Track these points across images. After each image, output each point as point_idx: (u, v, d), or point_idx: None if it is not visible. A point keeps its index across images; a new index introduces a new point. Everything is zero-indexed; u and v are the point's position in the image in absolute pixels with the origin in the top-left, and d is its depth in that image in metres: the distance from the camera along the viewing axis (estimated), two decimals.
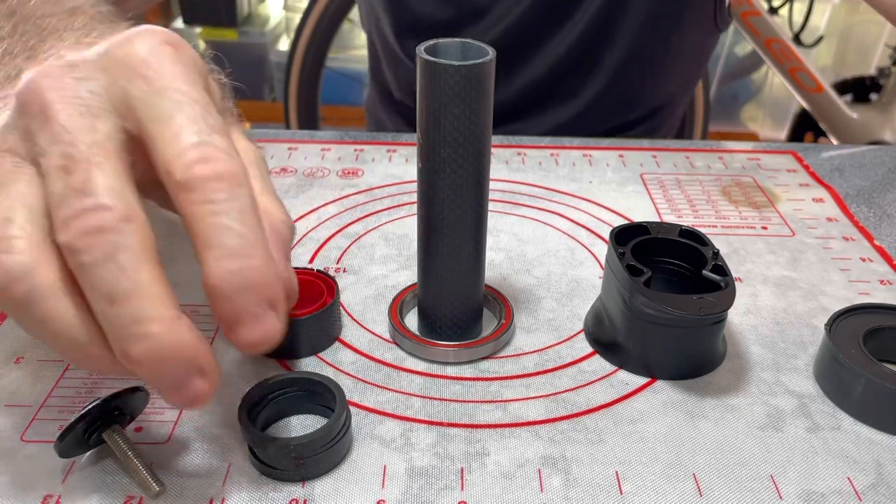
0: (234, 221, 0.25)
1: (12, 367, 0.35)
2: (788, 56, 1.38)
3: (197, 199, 0.25)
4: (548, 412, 0.33)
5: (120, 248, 0.24)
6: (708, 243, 0.37)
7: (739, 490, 0.29)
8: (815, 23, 1.84)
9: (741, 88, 2.22)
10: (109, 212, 0.24)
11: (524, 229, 0.47)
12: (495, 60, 0.31)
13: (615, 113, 0.72)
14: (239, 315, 0.25)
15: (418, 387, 0.34)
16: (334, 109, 1.97)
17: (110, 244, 0.24)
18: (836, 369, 0.34)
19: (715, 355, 0.36)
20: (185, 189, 0.25)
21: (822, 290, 0.42)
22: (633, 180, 0.53)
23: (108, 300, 0.24)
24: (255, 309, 0.25)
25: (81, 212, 0.24)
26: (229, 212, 0.25)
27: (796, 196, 0.52)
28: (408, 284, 0.41)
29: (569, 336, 0.38)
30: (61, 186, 0.24)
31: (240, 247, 0.25)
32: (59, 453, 0.29)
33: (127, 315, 0.24)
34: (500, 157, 0.56)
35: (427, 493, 0.29)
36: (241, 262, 0.25)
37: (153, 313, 0.24)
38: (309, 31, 1.49)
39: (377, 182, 0.52)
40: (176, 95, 0.26)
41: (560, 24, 0.66)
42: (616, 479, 0.30)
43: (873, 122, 1.48)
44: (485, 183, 0.33)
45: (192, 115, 0.26)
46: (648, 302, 0.33)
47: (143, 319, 0.24)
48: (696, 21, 0.69)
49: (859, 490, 0.30)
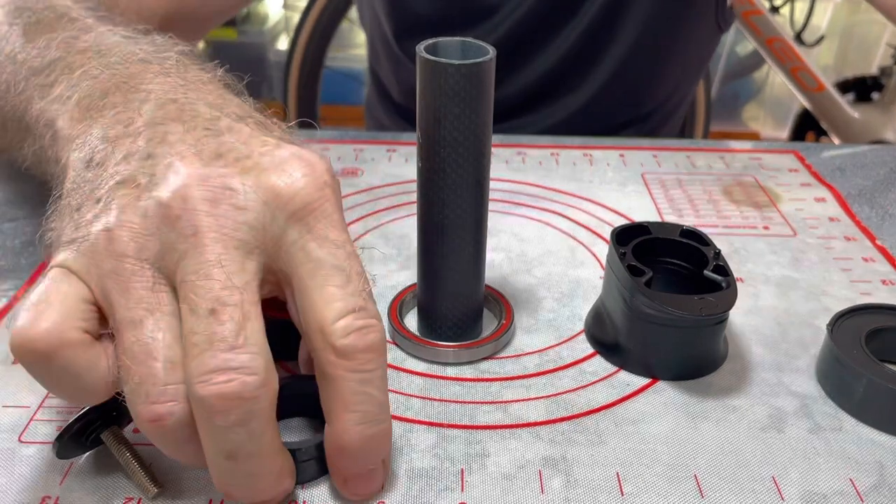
0: (376, 390, 0.26)
1: (10, 368, 0.35)
2: (790, 55, 1.38)
3: (349, 367, 0.25)
4: (548, 413, 0.33)
5: (254, 415, 0.24)
6: (709, 243, 0.36)
7: (741, 491, 0.29)
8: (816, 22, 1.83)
9: (742, 88, 2.22)
10: (253, 377, 0.24)
11: (524, 229, 0.47)
12: (495, 60, 0.31)
13: (616, 111, 0.71)
14: (359, 471, 0.28)
15: (418, 387, 0.34)
16: (334, 109, 1.97)
17: (246, 412, 0.24)
18: (838, 370, 0.33)
19: (716, 356, 0.36)
20: (340, 354, 0.25)
21: (824, 290, 0.41)
22: (633, 180, 0.53)
23: (227, 456, 0.25)
24: (372, 466, 0.28)
25: (225, 369, 0.24)
26: (374, 380, 0.26)
27: (798, 196, 0.52)
28: (408, 284, 0.40)
29: (569, 336, 0.38)
30: (208, 331, 0.24)
31: (377, 413, 0.26)
32: (58, 454, 0.28)
33: (242, 472, 0.25)
34: (501, 156, 0.56)
35: (427, 494, 0.29)
36: (375, 428, 0.26)
37: (266, 470, 0.26)
38: (308, 30, 1.49)
39: (377, 182, 0.52)
40: (336, 251, 0.26)
41: (563, 23, 0.66)
42: (617, 480, 0.30)
43: (875, 122, 1.48)
44: (485, 183, 0.33)
45: (350, 275, 0.26)
46: (649, 302, 0.33)
47: (257, 476, 0.26)
48: (697, 20, 0.69)
49: (861, 491, 0.29)
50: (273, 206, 0.26)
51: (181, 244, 0.25)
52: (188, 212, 0.25)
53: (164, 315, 0.25)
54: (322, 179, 0.27)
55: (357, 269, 0.27)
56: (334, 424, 0.26)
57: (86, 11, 0.41)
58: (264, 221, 0.26)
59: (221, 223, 0.25)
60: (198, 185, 0.26)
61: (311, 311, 0.26)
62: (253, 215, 0.26)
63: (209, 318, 0.24)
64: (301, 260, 0.26)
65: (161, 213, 0.25)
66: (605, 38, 0.66)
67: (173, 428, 0.25)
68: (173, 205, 0.25)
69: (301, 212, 0.26)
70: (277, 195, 0.26)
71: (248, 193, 0.26)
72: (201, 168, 0.26)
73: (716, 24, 0.71)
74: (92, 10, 0.41)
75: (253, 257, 0.26)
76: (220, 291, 0.24)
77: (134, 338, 0.25)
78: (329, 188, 0.27)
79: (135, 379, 0.24)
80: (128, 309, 0.25)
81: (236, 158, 0.27)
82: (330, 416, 0.26)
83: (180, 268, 0.25)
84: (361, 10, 0.80)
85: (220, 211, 0.25)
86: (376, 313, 0.27)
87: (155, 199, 0.26)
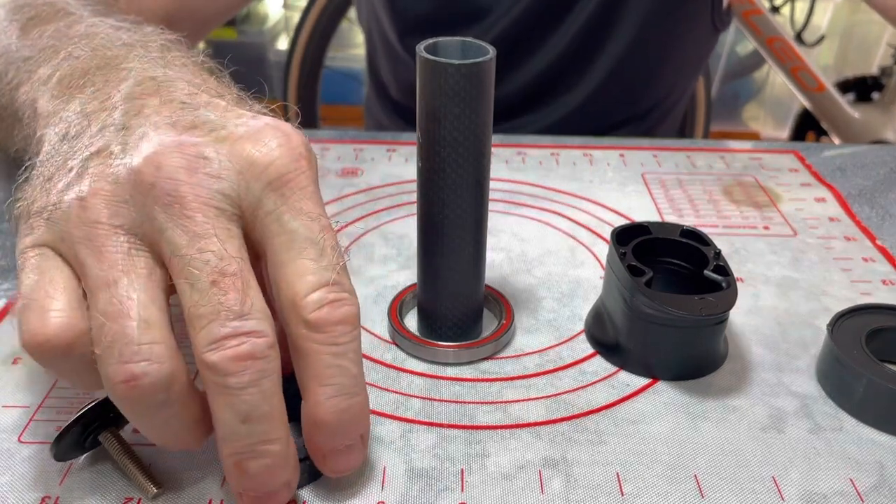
0: (349, 363, 0.26)
1: (10, 368, 0.35)
2: (790, 55, 1.38)
3: (321, 340, 0.25)
4: (548, 413, 0.33)
5: (265, 374, 0.24)
6: (709, 243, 0.36)
7: (741, 491, 0.29)
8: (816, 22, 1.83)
9: (743, 87, 2.22)
10: (262, 339, 0.24)
11: (524, 229, 0.47)
12: (495, 59, 0.31)
13: (613, 109, 0.72)
14: (336, 446, 0.27)
15: (418, 388, 0.34)
16: (333, 109, 1.97)
17: (258, 371, 0.24)
18: (839, 370, 0.33)
19: (716, 356, 0.36)
20: (312, 327, 0.25)
21: (824, 290, 0.41)
22: (634, 180, 0.53)
23: (241, 418, 0.24)
24: (350, 441, 0.27)
25: (235, 334, 0.24)
26: (347, 353, 0.26)
27: (798, 196, 0.52)
28: (408, 285, 0.40)
29: (569, 337, 0.38)
30: (213, 301, 0.24)
31: (351, 386, 0.26)
32: (55, 457, 0.28)
33: (256, 434, 0.25)
34: (501, 156, 0.56)
35: (427, 494, 0.29)
36: (350, 401, 0.26)
37: (277, 434, 0.25)
38: (308, 30, 1.49)
39: (377, 182, 0.52)
40: (310, 223, 0.26)
41: (559, 22, 0.66)
42: (617, 480, 0.30)
43: (875, 122, 1.47)
44: (485, 183, 0.33)
45: (324, 249, 0.26)
46: (650, 302, 0.33)
47: (270, 440, 0.25)
48: (693, 19, 0.69)
49: (861, 491, 0.29)
50: (248, 176, 0.26)
51: (160, 214, 0.25)
52: (163, 179, 0.25)
53: (139, 277, 0.25)
54: (298, 151, 0.27)
55: (331, 242, 0.26)
56: (309, 399, 0.26)
57: (83, 7, 0.41)
58: (239, 190, 0.26)
59: (198, 192, 0.25)
60: (171, 153, 0.26)
61: (283, 284, 0.25)
62: (227, 184, 0.26)
63: (212, 290, 0.24)
64: (275, 231, 0.26)
65: (133, 179, 0.25)
66: (601, 38, 0.66)
67: (147, 391, 0.24)
68: (146, 171, 0.25)
69: (276, 182, 0.26)
70: (252, 164, 0.26)
71: (223, 162, 0.26)
72: (175, 136, 0.26)
73: (712, 24, 0.71)
74: (89, 5, 0.42)
75: (235, 225, 0.26)
76: (219, 262, 0.24)
77: (107, 297, 0.24)
78: (305, 160, 0.27)
79: (107, 338, 0.24)
80: (101, 270, 0.25)
81: (211, 129, 0.27)
82: (305, 391, 0.26)
83: (165, 240, 0.25)
84: (360, 6, 0.80)
85: (196, 179, 0.25)
86: (350, 288, 0.26)
87: (126, 166, 0.26)
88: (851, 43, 2.05)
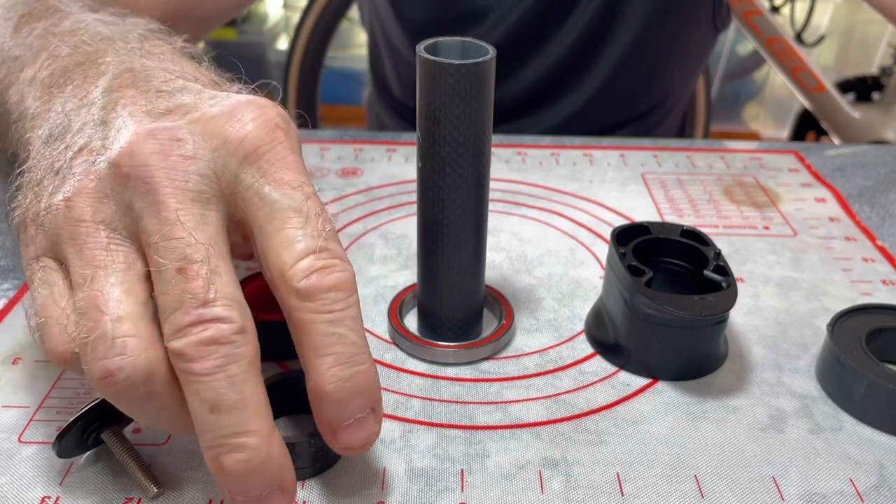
0: (347, 330, 0.25)
1: (10, 367, 0.35)
2: (790, 55, 1.38)
3: (313, 308, 0.25)
4: (548, 413, 0.33)
5: (232, 359, 0.24)
6: (709, 243, 0.36)
7: (741, 491, 0.29)
8: (816, 22, 1.83)
9: (743, 88, 2.22)
10: (227, 324, 0.24)
11: (525, 229, 0.47)
12: (495, 59, 0.31)
13: (613, 112, 0.72)
14: (344, 419, 0.26)
15: (418, 388, 0.34)
16: (333, 109, 1.97)
17: (224, 356, 0.24)
18: (839, 370, 0.33)
19: (716, 356, 0.36)
20: (303, 297, 0.25)
21: (825, 290, 0.41)
22: (634, 180, 0.53)
23: (211, 408, 0.24)
24: (360, 413, 0.26)
25: (199, 322, 0.23)
26: (344, 320, 0.25)
27: (798, 196, 0.52)
28: (407, 285, 0.40)
29: (569, 337, 0.38)
30: (177, 289, 0.24)
31: (352, 354, 0.25)
32: (58, 454, 0.29)
33: (227, 426, 0.24)
34: (501, 156, 0.56)
35: (427, 494, 0.29)
36: (352, 370, 0.25)
37: (252, 427, 0.24)
38: (308, 30, 1.49)
39: (377, 182, 0.52)
40: (292, 192, 0.26)
41: (558, 27, 0.66)
42: (617, 480, 0.30)
43: (875, 122, 1.47)
44: (485, 183, 0.33)
45: (309, 216, 0.25)
46: (650, 302, 0.33)
47: (242, 432, 0.24)
48: (694, 20, 0.69)
49: (861, 491, 0.29)
50: (223, 153, 0.26)
51: (137, 202, 0.25)
52: (137, 168, 0.25)
53: (115, 271, 0.25)
54: (273, 122, 0.27)
55: (316, 209, 0.26)
56: (310, 372, 0.25)
57: (73, 3, 0.41)
58: (216, 169, 0.26)
59: (172, 175, 0.25)
60: (145, 140, 0.25)
61: (270, 256, 0.25)
62: (203, 164, 0.25)
63: (177, 278, 0.24)
64: (257, 205, 0.26)
65: (112, 172, 0.25)
66: (601, 40, 0.66)
67: (125, 385, 0.24)
68: (122, 162, 0.25)
69: (252, 155, 0.26)
70: (226, 141, 0.26)
71: (197, 142, 0.26)
72: (149, 123, 0.26)
73: (713, 25, 0.71)
74: (79, 1, 0.42)
75: (212, 208, 0.25)
76: (185, 249, 0.24)
77: (83, 293, 0.24)
78: (281, 130, 0.27)
79: (83, 335, 0.24)
80: (80, 268, 0.25)
81: (185, 112, 0.27)
82: (306, 366, 0.25)
83: (142, 228, 0.25)
84: (362, 6, 0.80)
85: (169, 163, 0.25)
86: (341, 254, 0.26)
87: (106, 160, 0.26)
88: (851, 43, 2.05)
